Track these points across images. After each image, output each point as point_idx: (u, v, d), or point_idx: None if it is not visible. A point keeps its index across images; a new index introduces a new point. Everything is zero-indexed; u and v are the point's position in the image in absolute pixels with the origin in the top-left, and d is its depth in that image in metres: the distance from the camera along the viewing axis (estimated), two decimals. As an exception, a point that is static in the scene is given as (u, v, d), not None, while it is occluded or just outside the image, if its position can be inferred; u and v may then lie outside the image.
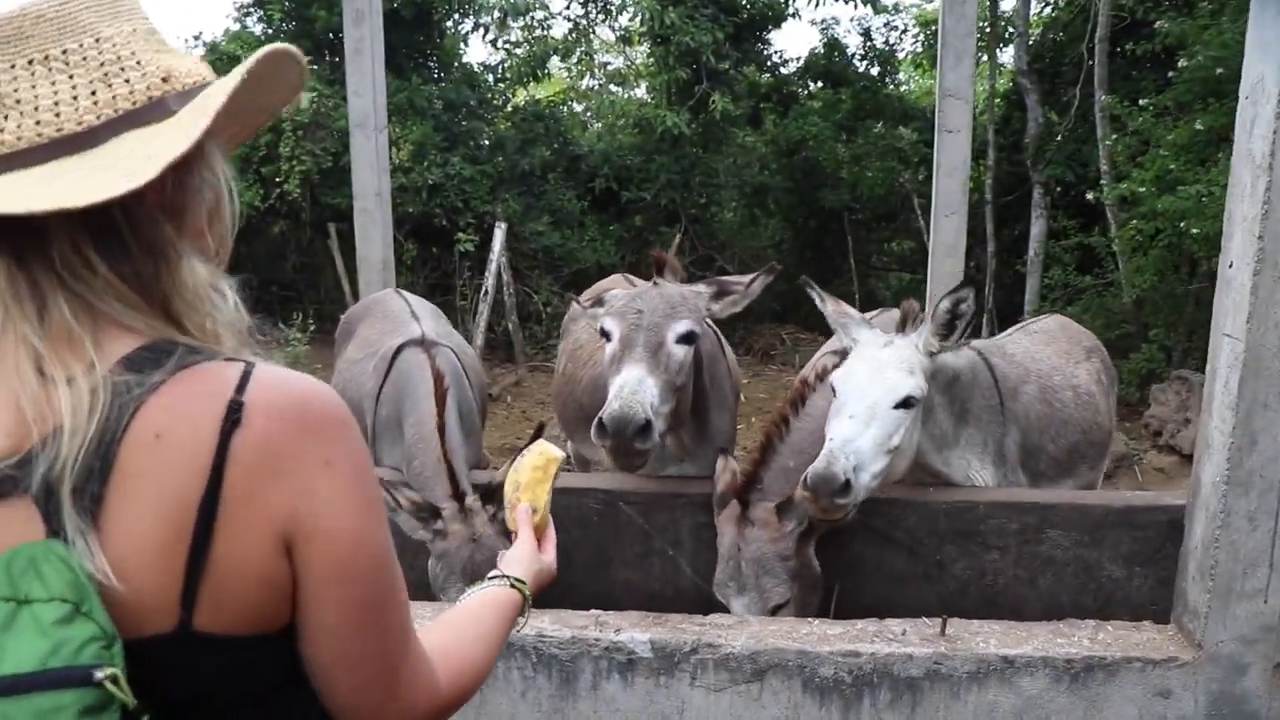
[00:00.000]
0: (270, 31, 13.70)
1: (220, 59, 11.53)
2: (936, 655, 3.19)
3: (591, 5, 14.93)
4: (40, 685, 1.05)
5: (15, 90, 1.21)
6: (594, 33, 15.49)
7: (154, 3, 1.44)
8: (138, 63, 1.27)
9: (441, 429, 4.08)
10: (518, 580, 1.70)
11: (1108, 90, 10.91)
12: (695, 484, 4.26)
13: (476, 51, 32.42)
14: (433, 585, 3.85)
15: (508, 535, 3.90)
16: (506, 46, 15.32)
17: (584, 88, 17.26)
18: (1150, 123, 9.81)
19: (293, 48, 1.33)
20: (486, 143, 13.72)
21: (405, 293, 5.64)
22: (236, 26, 14.07)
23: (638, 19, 13.73)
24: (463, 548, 3.81)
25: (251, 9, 14.12)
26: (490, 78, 15.34)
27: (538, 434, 4.07)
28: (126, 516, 1.15)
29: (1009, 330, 5.31)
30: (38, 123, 1.21)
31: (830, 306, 4.13)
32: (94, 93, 1.23)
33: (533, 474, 1.98)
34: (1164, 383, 9.66)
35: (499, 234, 11.81)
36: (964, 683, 3.19)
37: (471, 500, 3.90)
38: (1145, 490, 7.90)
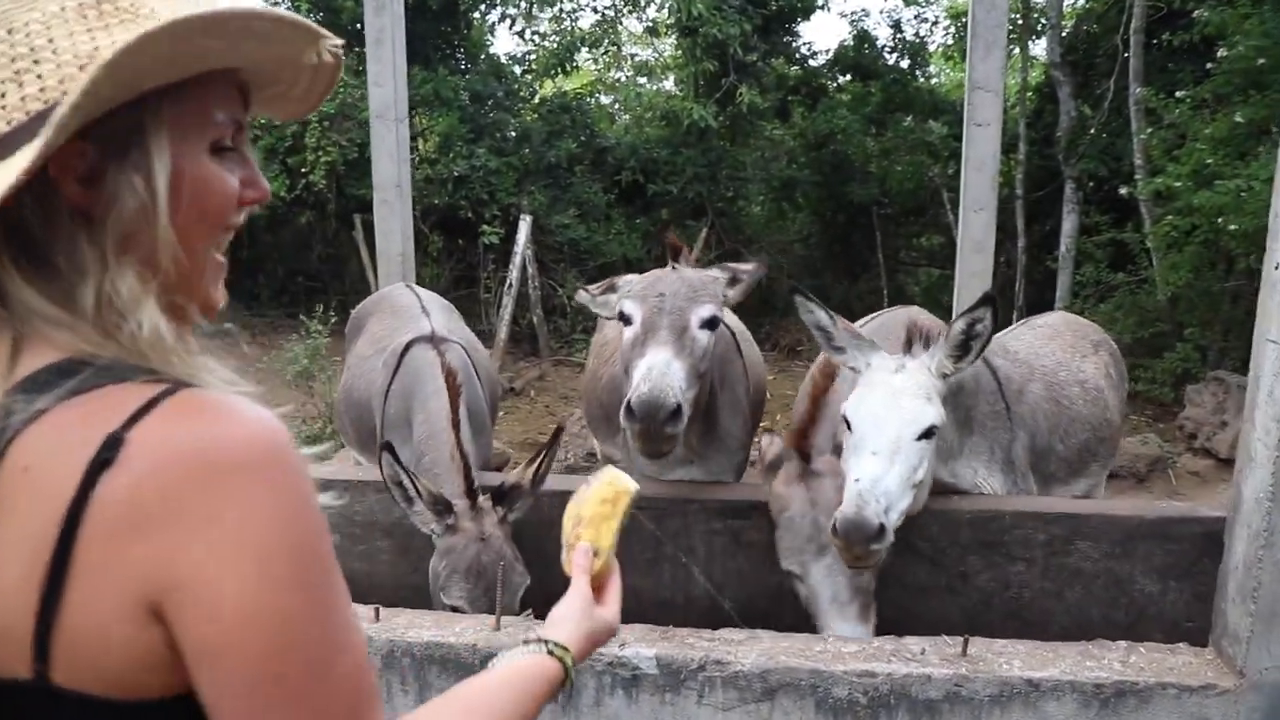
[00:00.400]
0: (294, 6, 13.62)
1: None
2: (957, 677, 3.03)
3: (619, -4, 14.82)
4: None
5: None
6: (621, 24, 15.35)
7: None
8: (54, 52, 1.09)
9: (456, 425, 3.99)
10: (557, 646, 1.43)
11: (1143, 82, 10.67)
12: (708, 489, 4.14)
13: (504, 43, 32.42)
14: (431, 585, 3.76)
15: (516, 538, 3.83)
16: (534, 38, 15.22)
17: (611, 80, 17.14)
18: (1187, 115, 9.57)
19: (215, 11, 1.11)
20: (513, 134, 13.62)
21: (416, 287, 5.54)
22: (263, 17, 13.99)
23: (665, 10, 13.60)
24: (470, 545, 3.71)
25: (279, 1, 14.06)
26: (517, 69, 15.25)
27: (557, 434, 3.98)
28: None
29: (1011, 326, 5.13)
30: None
31: (839, 324, 3.87)
32: (3, 95, 1.08)
33: (598, 508, 1.66)
34: (1199, 383, 9.43)
35: (524, 226, 11.71)
36: (986, 707, 3.03)
37: (483, 500, 3.81)
38: (1179, 495, 7.71)
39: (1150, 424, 9.64)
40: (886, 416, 3.49)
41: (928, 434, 3.50)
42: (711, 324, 3.82)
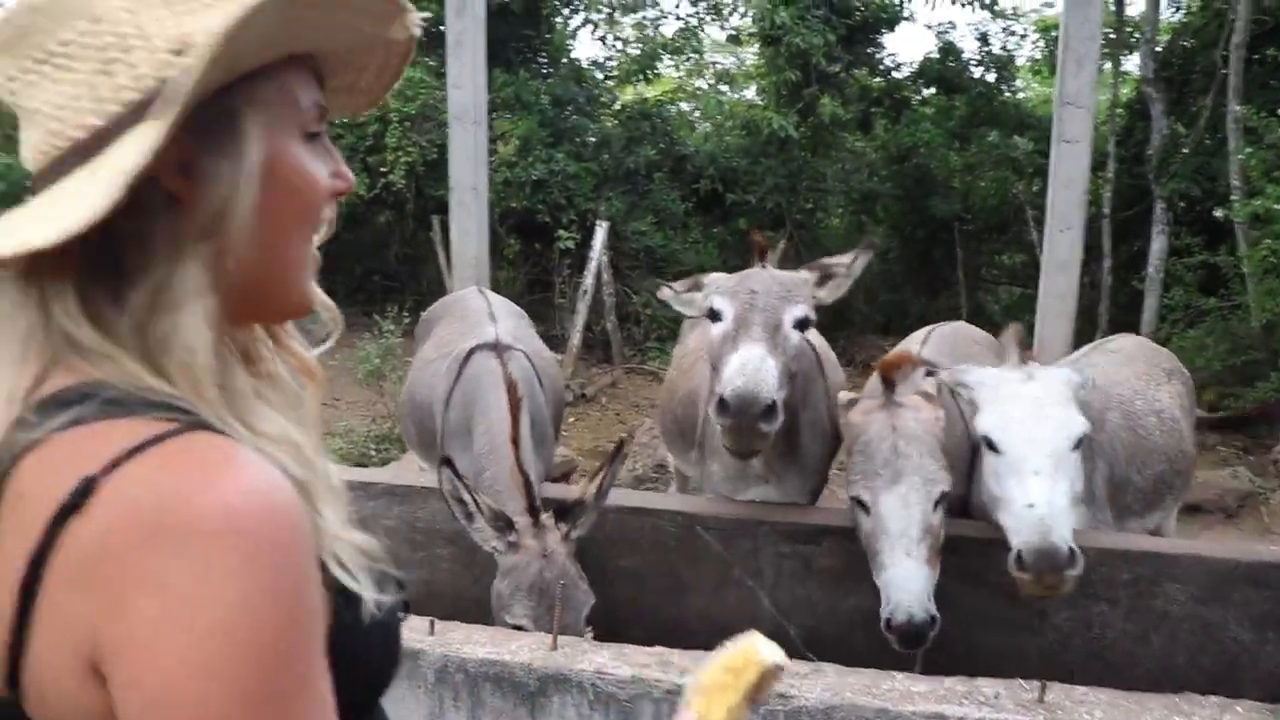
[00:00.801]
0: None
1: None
2: (1034, 725, 2.88)
3: (702, 4, 14.72)
4: None
5: (29, 99, 1.05)
6: (704, 32, 15.27)
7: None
8: (143, 38, 1.03)
9: (516, 440, 3.91)
10: None
11: (1243, 100, 10.34)
12: (779, 511, 4.03)
13: (585, 48, 32.46)
14: (494, 605, 3.69)
15: (580, 555, 3.75)
16: (616, 44, 15.20)
17: (692, 87, 17.08)
18: (1289, 135, 9.27)
19: None
20: (592, 140, 13.59)
21: (488, 292, 5.50)
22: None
23: (748, 19, 13.51)
24: (533, 563, 3.63)
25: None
26: (598, 74, 15.24)
27: (619, 448, 3.90)
28: None
29: (1082, 350, 4.93)
30: (49, 133, 1.04)
31: (943, 374, 3.80)
32: (94, 87, 1.02)
33: (720, 676, 1.43)
34: (1296, 415, 9.12)
35: (600, 232, 11.66)
36: (1064, 757, 2.88)
37: (546, 517, 3.73)
38: (1273, 534, 7.42)
39: (1240, 456, 9.34)
40: (1038, 431, 3.35)
41: (1079, 442, 3.37)
42: (804, 324, 3.72)
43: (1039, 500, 3.21)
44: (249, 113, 1.07)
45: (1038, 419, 3.36)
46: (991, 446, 3.43)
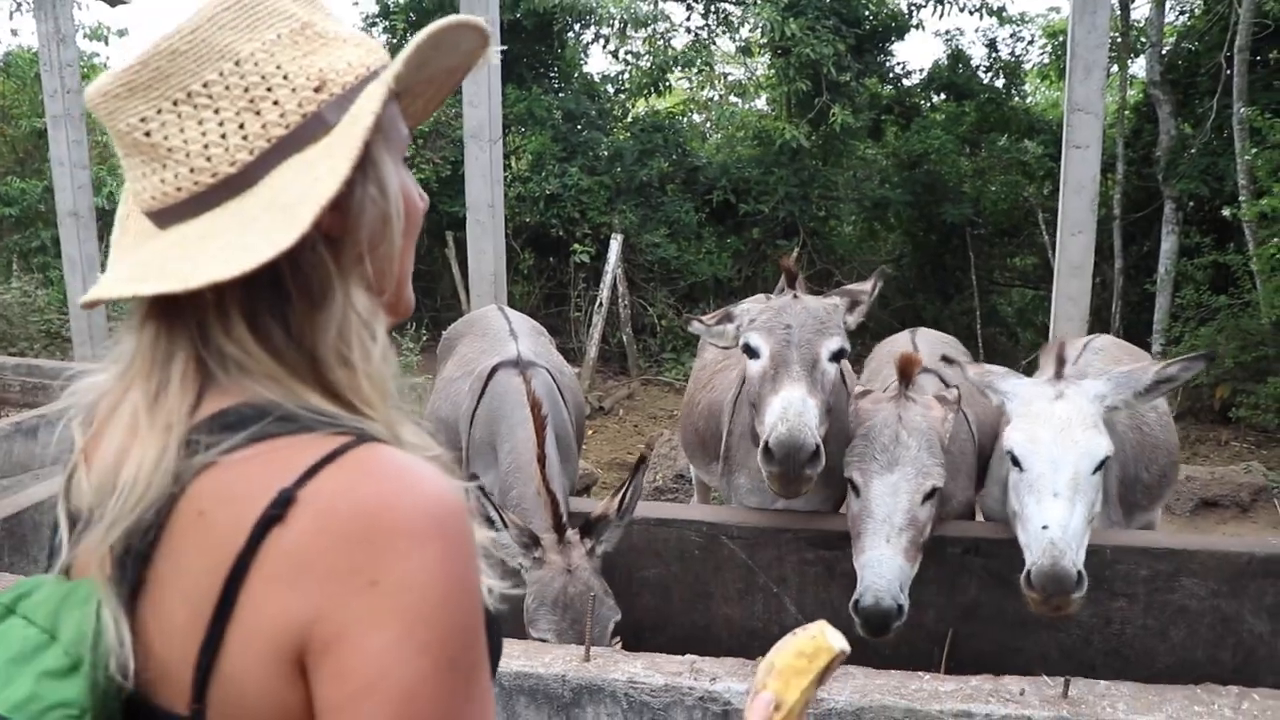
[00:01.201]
0: (394, 42, 13.84)
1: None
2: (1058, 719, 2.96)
3: (712, 16, 14.80)
4: None
5: (166, 138, 1.10)
6: (714, 44, 15.35)
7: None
8: (285, 77, 1.12)
9: (542, 460, 3.98)
10: None
11: (1247, 101, 10.41)
12: (803, 519, 4.10)
13: (597, 62, 32.60)
14: (525, 616, 3.76)
15: (606, 571, 3.82)
16: (627, 57, 15.29)
17: (704, 99, 17.15)
18: (1294, 136, 9.33)
19: (457, 19, 1.18)
20: (605, 153, 13.67)
21: (508, 309, 5.58)
22: (361, 37, 14.25)
23: (758, 30, 13.57)
24: (557, 578, 3.70)
25: (377, 19, 14.31)
26: (610, 88, 15.33)
27: (641, 462, 3.98)
28: (164, 584, 1.06)
29: (1073, 349, 5.00)
30: (191, 170, 1.10)
31: (971, 371, 3.88)
32: (242, 125, 1.10)
33: (794, 660, 1.51)
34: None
35: (615, 245, 11.75)
36: (1088, 750, 2.96)
37: (571, 533, 3.80)
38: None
39: (1253, 451, 9.39)
40: (1062, 454, 3.41)
41: (1101, 465, 3.44)
42: (839, 355, 3.79)
43: (1054, 523, 3.29)
44: (378, 142, 1.15)
45: (1063, 442, 3.42)
46: (1015, 462, 3.50)
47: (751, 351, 3.83)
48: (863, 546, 3.55)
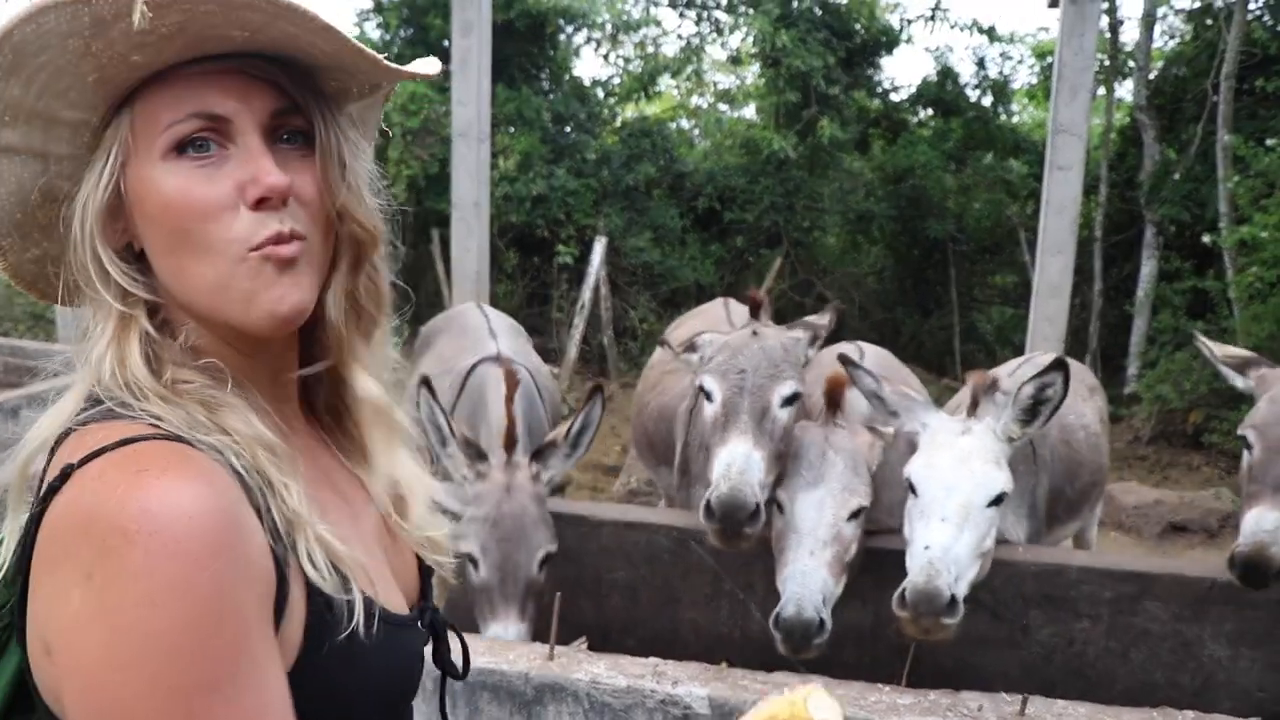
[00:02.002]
0: (387, 38, 13.83)
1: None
2: (1015, 735, 2.99)
3: (704, 24, 14.84)
4: None
5: None
6: (704, 52, 15.39)
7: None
8: None
9: (511, 420, 3.97)
10: None
11: (1232, 129, 10.50)
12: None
13: (588, 66, 32.58)
14: (454, 532, 3.78)
15: (575, 565, 3.82)
16: (618, 61, 15.31)
17: (693, 106, 17.18)
18: (1277, 165, 9.41)
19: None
20: (592, 156, 13.68)
21: (487, 308, 5.60)
22: (355, 32, 14.23)
23: (749, 40, 13.61)
24: (495, 493, 3.75)
25: (370, 14, 14.29)
26: (600, 92, 15.35)
27: (596, 390, 3.95)
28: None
29: (1012, 364, 5.03)
30: None
31: (886, 388, 3.86)
32: None
33: None
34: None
35: (599, 247, 11.77)
36: (1043, 768, 2.98)
37: (519, 457, 3.85)
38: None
39: (1224, 477, 9.46)
40: (956, 482, 3.44)
41: (997, 500, 3.45)
42: (792, 400, 3.79)
43: (935, 544, 3.32)
44: (114, 145, 1.15)
45: (958, 472, 3.45)
46: (912, 489, 3.53)
47: (706, 394, 3.85)
48: (785, 561, 3.56)
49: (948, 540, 3.32)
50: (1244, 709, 3.27)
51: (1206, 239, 10.44)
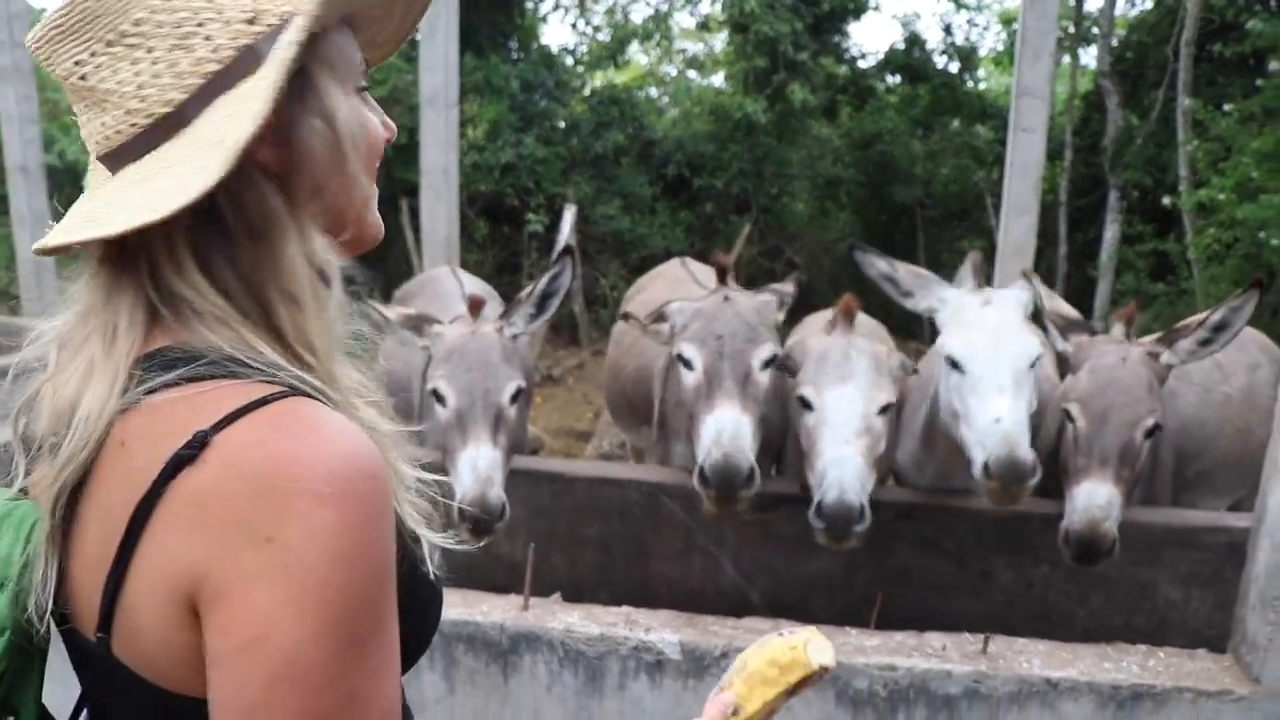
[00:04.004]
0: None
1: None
2: (976, 674, 3.10)
3: (672, -10, 14.85)
4: None
5: (101, 80, 1.09)
6: (673, 19, 15.38)
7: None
8: (217, 11, 1.09)
9: (477, 297, 4.12)
10: None
11: (1191, 94, 10.64)
12: (741, 481, 4.19)
13: (556, 33, 32.46)
14: (424, 376, 3.93)
15: (549, 522, 3.89)
16: (587, 29, 15.29)
17: (662, 73, 17.17)
18: (1234, 129, 9.55)
19: None
20: (561, 125, 13.68)
21: (460, 271, 5.64)
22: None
23: (718, 6, 13.62)
24: (458, 335, 3.88)
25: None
26: (569, 60, 15.32)
27: (566, 251, 3.99)
28: (88, 516, 1.09)
29: None
30: (128, 112, 1.09)
31: (901, 269, 4.00)
32: (174, 63, 1.08)
33: (765, 669, 1.42)
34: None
35: (569, 215, 11.79)
36: (1004, 703, 3.10)
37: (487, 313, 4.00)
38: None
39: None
40: (1000, 352, 3.53)
41: (1035, 361, 3.57)
42: (770, 362, 3.85)
43: (1005, 415, 3.39)
44: (322, 73, 1.15)
45: (999, 342, 3.55)
46: (955, 366, 3.60)
47: (685, 362, 3.89)
48: (820, 450, 3.53)
49: (1012, 410, 3.40)
50: (1195, 646, 3.39)
51: (1166, 201, 10.58)
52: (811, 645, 1.44)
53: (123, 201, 1.07)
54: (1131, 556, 3.85)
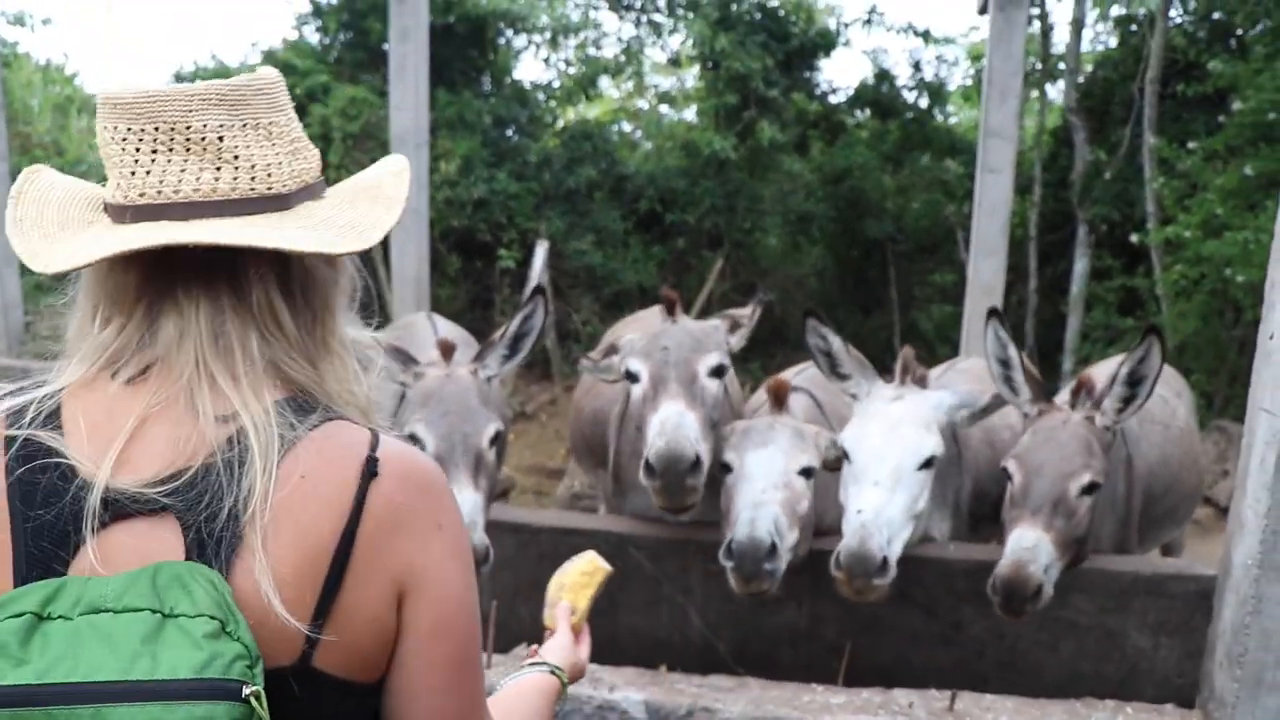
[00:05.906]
0: (327, 42, 13.76)
1: (277, 66, 11.57)
2: (943, 731, 3.07)
3: (643, 26, 14.88)
4: (196, 694, 1.12)
5: (234, 146, 1.36)
6: (644, 54, 15.42)
7: (215, 10, 1.48)
8: (307, 145, 1.46)
9: (447, 341, 4.16)
10: (557, 668, 1.81)
11: (1157, 132, 10.73)
12: (706, 530, 4.17)
13: (529, 69, 32.56)
14: (398, 420, 3.90)
15: (516, 572, 3.86)
16: (559, 64, 15.32)
17: (634, 108, 17.21)
18: (1199, 166, 9.65)
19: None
20: (534, 159, 13.67)
21: (436, 317, 5.62)
22: (294, 35, 14.14)
23: (689, 42, 13.67)
24: (434, 379, 3.89)
25: (309, 18, 14.20)
26: (541, 95, 15.34)
27: (538, 291, 4.00)
28: (268, 541, 1.25)
29: (940, 369, 5.17)
30: (252, 178, 1.37)
31: (848, 353, 4.01)
32: (290, 163, 1.41)
33: (579, 578, 2.07)
34: (1203, 431, 9.45)
35: (541, 251, 11.78)
36: (971, 760, 3.07)
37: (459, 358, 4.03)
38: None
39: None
40: (887, 447, 3.55)
41: (928, 464, 3.56)
42: (719, 371, 3.85)
43: (867, 508, 3.42)
44: None
45: (890, 437, 3.56)
46: (846, 456, 3.63)
47: (632, 376, 3.90)
48: (736, 505, 3.57)
49: (880, 504, 3.41)
50: (1164, 694, 3.39)
51: (1134, 238, 10.65)
52: (599, 559, 2.12)
53: (346, 223, 1.43)
54: (1101, 604, 3.86)
